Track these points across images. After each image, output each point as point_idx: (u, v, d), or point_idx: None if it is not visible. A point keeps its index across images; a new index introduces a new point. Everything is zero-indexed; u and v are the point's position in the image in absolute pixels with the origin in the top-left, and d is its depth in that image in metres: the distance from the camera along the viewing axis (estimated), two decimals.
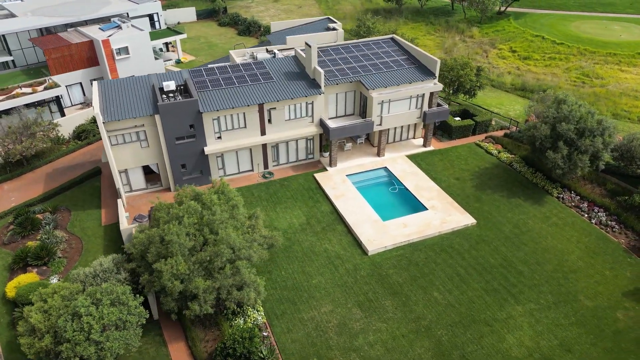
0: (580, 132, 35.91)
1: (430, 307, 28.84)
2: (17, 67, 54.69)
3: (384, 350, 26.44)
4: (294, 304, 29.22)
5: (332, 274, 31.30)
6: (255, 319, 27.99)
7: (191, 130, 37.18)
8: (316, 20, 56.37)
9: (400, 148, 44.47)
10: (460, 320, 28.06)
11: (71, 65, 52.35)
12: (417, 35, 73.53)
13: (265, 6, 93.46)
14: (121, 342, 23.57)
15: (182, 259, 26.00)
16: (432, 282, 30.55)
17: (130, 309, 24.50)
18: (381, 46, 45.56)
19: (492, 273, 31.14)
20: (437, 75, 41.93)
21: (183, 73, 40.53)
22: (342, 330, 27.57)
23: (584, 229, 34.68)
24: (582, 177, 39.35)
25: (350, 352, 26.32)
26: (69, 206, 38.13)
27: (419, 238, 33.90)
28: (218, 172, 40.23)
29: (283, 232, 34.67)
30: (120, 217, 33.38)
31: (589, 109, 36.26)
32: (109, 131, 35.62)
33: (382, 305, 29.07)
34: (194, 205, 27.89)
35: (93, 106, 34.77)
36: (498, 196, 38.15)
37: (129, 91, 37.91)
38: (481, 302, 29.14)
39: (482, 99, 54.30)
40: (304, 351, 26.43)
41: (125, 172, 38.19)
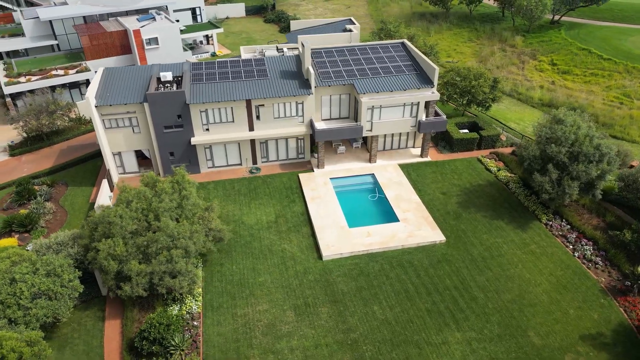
0: (574, 156, 32.96)
1: (364, 321, 28.00)
2: (61, 50, 59.62)
3: (303, 356, 26.11)
4: (233, 298, 29.62)
5: (280, 274, 31.30)
6: (191, 307, 28.77)
7: (179, 120, 38.66)
8: (337, 21, 56.03)
9: (395, 156, 43.23)
10: (391, 338, 26.99)
11: (105, 52, 56.21)
12: (457, 42, 70.76)
13: (314, 5, 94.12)
14: (49, 311, 25.28)
15: (122, 241, 27.32)
16: (377, 295, 29.59)
17: (64, 281, 26.18)
18: (388, 50, 44.46)
19: (443, 295, 29.56)
20: (436, 84, 40.24)
21: (184, 65, 42.18)
22: (269, 330, 27.57)
23: (562, 262, 31.84)
24: (582, 205, 36.14)
25: (268, 354, 26.29)
26: (68, 181, 41.16)
27: (380, 249, 32.91)
28: (206, 162, 41.50)
29: (248, 228, 35.20)
30: (99, 195, 35.53)
31: (588, 132, 33.13)
32: (104, 115, 37.98)
33: (318, 311, 28.65)
34: (144, 190, 29.15)
35: (87, 90, 37.21)
36: (480, 216, 36.00)
37: (128, 79, 40.10)
38: (420, 323, 27.81)
39: (502, 112, 51.27)
40: (226, 346, 26.77)
41: (119, 155, 40.52)
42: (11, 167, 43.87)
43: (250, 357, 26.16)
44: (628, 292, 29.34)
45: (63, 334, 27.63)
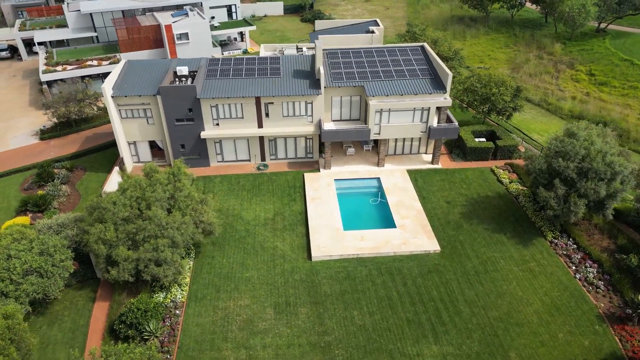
0: (584, 172, 31.17)
1: (342, 325, 27.75)
2: (100, 42, 62.62)
3: (274, 354, 26.23)
4: (218, 291, 30.16)
5: (267, 271, 31.55)
6: (175, 296, 29.55)
7: (190, 114, 39.71)
8: (362, 22, 55.57)
9: (405, 161, 42.47)
10: (365, 345, 26.62)
11: (138, 46, 58.53)
12: (493, 47, 68.48)
13: (353, 5, 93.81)
14: (38, 288, 26.72)
15: (113, 227, 28.45)
16: (359, 300, 29.24)
17: (55, 261, 27.59)
18: (406, 54, 43.70)
19: (427, 306, 28.80)
20: (448, 90, 39.18)
21: (201, 61, 43.26)
22: (247, 326, 27.87)
23: (560, 282, 30.21)
24: (594, 225, 34.17)
25: (241, 349, 26.59)
26: (86, 167, 43.25)
27: (371, 254, 32.48)
28: (216, 157, 42.40)
29: (245, 223, 35.70)
30: (109, 182, 37.12)
31: (601, 148, 31.21)
32: (120, 105, 39.61)
33: (297, 311, 28.68)
34: (139, 179, 30.21)
35: (105, 81, 38.90)
36: (482, 228, 34.76)
37: (147, 72, 41.59)
38: (397, 332, 27.24)
39: (527, 122, 49.19)
40: (202, 337, 27.31)
41: (134, 145, 42.13)
42: (39, 150, 46.60)
43: (223, 350, 26.56)
44: (627, 320, 27.46)
45: (55, 311, 29.11)
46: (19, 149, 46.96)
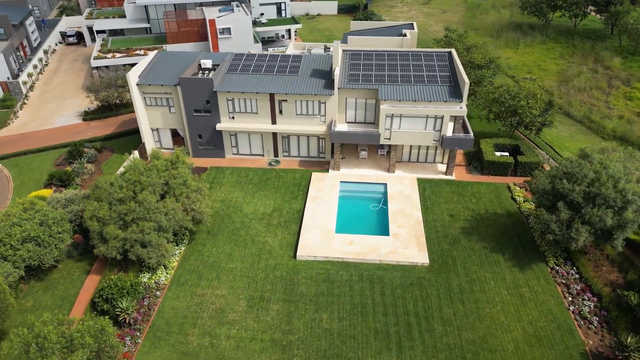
0: (591, 197, 28.76)
1: (308, 327, 27.67)
2: (152, 33, 66.26)
3: (235, 346, 26.72)
4: (200, 278, 31.13)
5: (251, 264, 32.09)
6: (159, 278, 30.90)
7: (207, 106, 41.11)
8: (397, 24, 54.48)
9: (418, 169, 41.30)
10: (326, 349, 26.37)
11: (184, 38, 61.34)
12: (546, 57, 64.46)
13: (410, 7, 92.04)
14: (34, 255, 29.01)
15: (107, 206, 30.24)
16: (332, 304, 28.98)
17: (52, 232, 29.80)
18: (431, 59, 42.40)
19: (399, 319, 27.97)
20: (465, 98, 37.54)
21: (227, 55, 44.58)
22: (217, 315, 28.57)
23: (550, 312, 28.11)
24: (606, 255, 31.46)
25: (206, 336, 27.32)
26: (115, 148, 46.08)
27: (356, 259, 32.02)
28: (231, 149, 43.58)
29: (243, 216, 36.47)
30: (125, 164, 39.29)
31: (613, 174, 28.59)
32: (146, 93, 41.83)
33: (268, 307, 28.96)
34: (137, 163, 31.84)
35: (132, 70, 41.22)
36: (480, 245, 33.10)
37: (174, 63, 43.53)
38: (362, 341, 26.72)
39: (562, 139, 45.94)
40: (174, 320, 28.34)
41: (157, 131, 44.32)
42: (79, 130, 50.30)
43: (189, 335, 27.43)
44: None
45: (53, 278, 31.46)
46: (62, 127, 50.98)
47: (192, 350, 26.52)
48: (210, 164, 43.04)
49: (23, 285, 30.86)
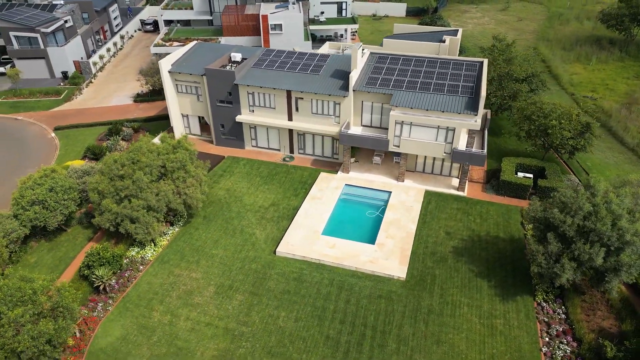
0: (585, 232, 25.96)
1: (264, 321, 27.98)
2: (213, 25, 69.65)
3: (190, 328, 27.76)
4: (181, 259, 32.63)
5: (233, 253, 33.00)
6: (146, 254, 32.87)
7: (229, 97, 42.67)
8: (442, 30, 52.26)
9: (430, 181, 39.67)
10: (272, 347, 26.53)
11: (238, 32, 63.86)
12: (618, 76, 58.39)
13: (484, 13, 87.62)
14: (40, 217, 32.19)
15: (108, 181, 32.74)
16: (293, 303, 29.00)
17: (58, 198, 32.85)
18: (460, 68, 40.40)
19: (355, 329, 27.30)
20: (480, 112, 35.34)
21: (257, 50, 45.84)
22: (185, 296, 29.83)
23: (519, 350, 25.84)
24: (606, 299, 28.29)
25: (168, 314, 28.67)
26: (151, 130, 49.36)
27: (332, 263, 31.68)
28: (251, 141, 44.85)
29: (241, 206, 37.52)
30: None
31: (614, 209, 25.48)
32: (177, 80, 44.37)
33: (233, 296, 29.68)
34: (141, 145, 34.03)
35: (165, 58, 43.83)
36: (467, 268, 31.18)
37: (208, 55, 45.61)
38: (310, 345, 26.51)
39: (606, 167, 41.49)
40: (145, 294, 30.03)
41: (187, 118, 46.80)
42: (128, 110, 54.51)
43: (154, 310, 28.96)
44: None
45: (59, 240, 34.69)
46: (114, 107, 55.56)
47: (151, 325, 28.00)
48: (229, 153, 44.66)
49: (34, 243, 34.40)
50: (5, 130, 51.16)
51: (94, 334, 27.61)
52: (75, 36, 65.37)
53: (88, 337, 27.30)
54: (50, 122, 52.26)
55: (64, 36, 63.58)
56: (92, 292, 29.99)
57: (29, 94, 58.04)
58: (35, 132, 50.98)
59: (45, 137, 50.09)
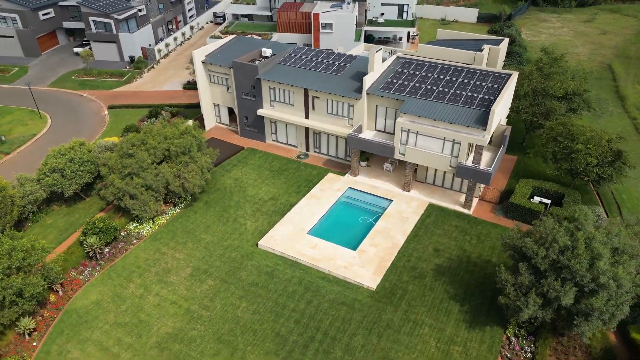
0: (559, 267, 23.64)
1: (223, 309, 28.80)
2: (272, 21, 71.61)
3: (155, 304, 29.30)
4: (171, 239, 34.42)
5: (219, 240, 34.19)
6: (142, 230, 35.13)
7: (253, 91, 43.95)
8: (485, 38, 49.33)
9: (437, 194, 38.04)
10: (223, 334, 27.27)
11: (291, 29, 65.25)
12: None
13: (564, 24, 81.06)
14: (58, 183, 35.61)
15: (118, 157, 35.41)
16: (257, 296, 29.50)
17: (74, 168, 36.06)
18: (485, 79, 38.17)
19: (307, 331, 27.19)
20: (489, 128, 33.16)
21: (289, 47, 46.64)
22: (162, 273, 31.52)
23: None
24: (585, 346, 25.57)
25: (141, 288, 30.48)
26: (188, 115, 52.13)
27: (307, 263, 31.69)
28: (271, 135, 45.85)
29: (242, 196, 38.66)
30: None
31: (596, 248, 22.86)
32: (210, 71, 46.53)
33: (205, 280, 30.83)
34: (152, 128, 36.32)
35: (200, 49, 46.06)
36: (443, 289, 29.63)
37: (244, 48, 47.13)
38: (259, 338, 26.89)
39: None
40: (129, 267, 32.12)
41: (218, 107, 48.90)
42: (175, 96, 58.02)
43: (131, 282, 30.95)
44: None
45: (76, 207, 38.08)
46: (165, 92, 59.42)
47: (124, 295, 30.00)
48: (249, 144, 46.04)
49: (55, 207, 38.12)
50: (69, 104, 56.86)
51: (75, 295, 30.19)
52: (146, 24, 70.72)
53: (68, 297, 29.94)
54: (107, 101, 57.17)
55: (136, 23, 69.05)
56: (85, 258, 32.71)
57: (97, 74, 63.92)
58: (92, 109, 56.10)
59: (99, 113, 54.94)
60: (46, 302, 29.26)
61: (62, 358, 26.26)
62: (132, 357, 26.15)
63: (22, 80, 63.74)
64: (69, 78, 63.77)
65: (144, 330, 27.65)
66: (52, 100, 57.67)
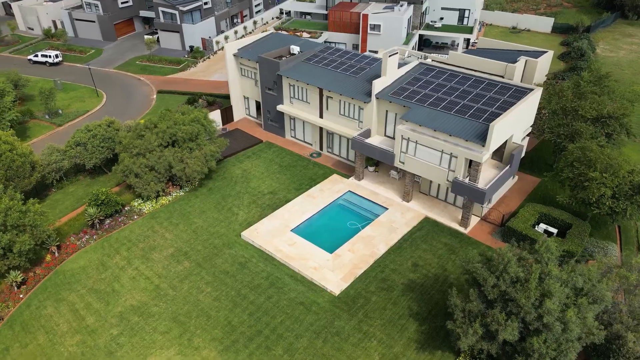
0: (505, 299, 21.85)
1: (189, 292, 30.01)
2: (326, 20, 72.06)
3: (131, 277, 31.23)
4: (167, 219, 36.34)
5: (208, 226, 35.54)
6: (144, 207, 37.48)
7: (275, 86, 44.85)
8: (528, 49, 45.74)
9: (438, 208, 36.44)
10: (178, 315, 28.43)
11: (340, 28, 65.38)
12: None
13: None
14: (80, 156, 39.05)
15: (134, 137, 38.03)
16: (224, 284, 30.36)
17: (95, 143, 39.25)
18: (503, 93, 35.79)
19: (257, 324, 27.56)
20: (488, 145, 31.05)
21: (317, 46, 46.88)
22: (147, 249, 33.45)
23: None
24: None
25: (124, 260, 32.62)
26: (223, 104, 54.36)
27: (281, 260, 31.99)
28: (290, 131, 46.48)
29: (245, 187, 39.74)
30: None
31: (549, 285, 20.78)
32: (242, 65, 48.17)
33: (182, 262, 32.27)
34: (166, 112, 38.57)
35: (235, 42, 47.70)
36: (407, 305, 28.49)
37: (277, 44, 48.17)
38: (210, 324, 27.72)
39: None
40: (121, 240, 34.44)
41: (247, 100, 50.47)
42: (219, 86, 60.48)
43: (118, 254, 33.21)
44: None
45: (98, 180, 41.29)
46: (212, 82, 62.28)
47: (107, 265, 32.32)
48: (269, 138, 47.04)
49: (81, 177, 41.81)
50: (125, 86, 61.70)
51: (68, 258, 33.06)
52: (210, 17, 74.50)
53: (62, 259, 32.86)
54: (159, 86, 61.20)
55: (200, 15, 73.00)
56: (87, 226, 35.62)
57: (158, 60, 68.58)
58: (144, 92, 60.39)
59: (149, 97, 59.02)
60: (42, 261, 32.42)
61: (37, 312, 29.01)
62: (94, 322, 28.23)
63: (96, 61, 70.18)
64: (134, 62, 69.09)
65: (112, 299, 29.67)
66: (113, 81, 62.92)
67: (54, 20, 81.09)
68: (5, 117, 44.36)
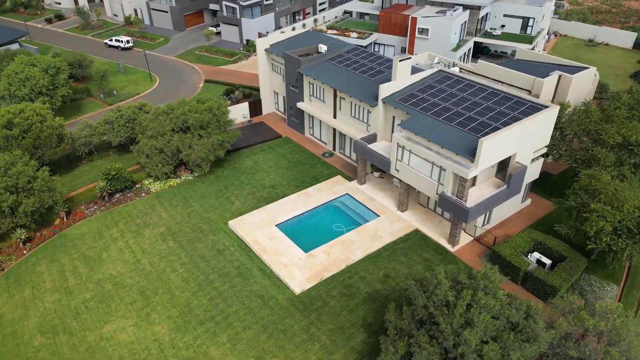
0: (433, 321, 20.72)
1: (162, 269, 31.71)
2: None
3: (119, 249, 33.57)
4: (168, 201, 38.43)
5: (203, 211, 37.09)
6: (152, 187, 39.92)
7: (297, 83, 45.42)
8: (566, 64, 41.73)
9: (432, 223, 35.02)
10: (146, 290, 30.15)
11: (389, 30, 64.28)
12: None
13: None
14: (107, 133, 42.50)
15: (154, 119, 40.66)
16: (197, 268, 31.67)
17: (121, 123, 42.47)
18: (518, 107, 33.39)
19: (214, 309, 28.54)
20: (477, 162, 29.16)
21: (345, 47, 46.65)
22: (142, 225, 35.68)
23: None
24: None
25: (119, 233, 35.07)
26: (257, 97, 55.94)
27: (256, 252, 32.67)
28: (309, 129, 46.85)
29: (249, 179, 40.89)
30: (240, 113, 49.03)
31: (471, 313, 19.41)
32: (273, 60, 49.31)
33: (167, 242, 34.10)
34: (185, 99, 40.77)
35: (266, 37, 48.85)
36: (362, 316, 27.86)
37: (308, 42, 48.60)
38: (171, 304, 29.15)
39: None
40: (123, 214, 37.08)
41: (277, 95, 51.55)
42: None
43: (114, 227, 35.78)
44: None
45: (124, 156, 44.45)
46: (255, 75, 64.02)
47: (103, 235, 34.98)
48: (289, 134, 47.77)
49: (111, 152, 45.35)
50: (179, 72, 65.60)
51: (74, 224, 36.25)
52: (270, 12, 76.72)
53: (68, 225, 36.10)
54: (208, 75, 64.35)
55: (260, 11, 75.44)
56: (99, 198, 38.70)
57: (215, 51, 72.04)
58: (194, 80, 63.84)
59: (196, 85, 62.32)
60: (51, 224, 35.88)
61: (32, 268, 32.26)
62: (74, 284, 30.82)
63: (161, 49, 75.29)
64: (193, 52, 73.16)
65: (96, 266, 32.15)
66: (169, 68, 67.17)
67: (135, 8, 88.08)
68: (57, 93, 49.27)
